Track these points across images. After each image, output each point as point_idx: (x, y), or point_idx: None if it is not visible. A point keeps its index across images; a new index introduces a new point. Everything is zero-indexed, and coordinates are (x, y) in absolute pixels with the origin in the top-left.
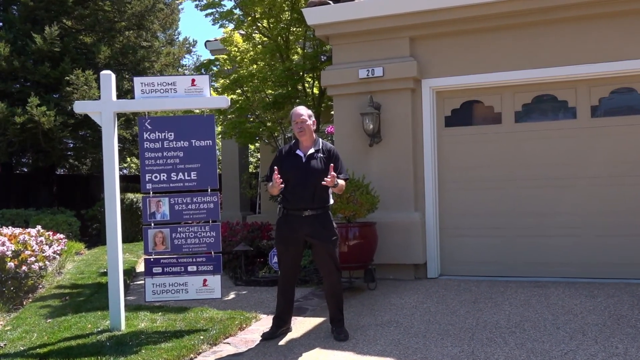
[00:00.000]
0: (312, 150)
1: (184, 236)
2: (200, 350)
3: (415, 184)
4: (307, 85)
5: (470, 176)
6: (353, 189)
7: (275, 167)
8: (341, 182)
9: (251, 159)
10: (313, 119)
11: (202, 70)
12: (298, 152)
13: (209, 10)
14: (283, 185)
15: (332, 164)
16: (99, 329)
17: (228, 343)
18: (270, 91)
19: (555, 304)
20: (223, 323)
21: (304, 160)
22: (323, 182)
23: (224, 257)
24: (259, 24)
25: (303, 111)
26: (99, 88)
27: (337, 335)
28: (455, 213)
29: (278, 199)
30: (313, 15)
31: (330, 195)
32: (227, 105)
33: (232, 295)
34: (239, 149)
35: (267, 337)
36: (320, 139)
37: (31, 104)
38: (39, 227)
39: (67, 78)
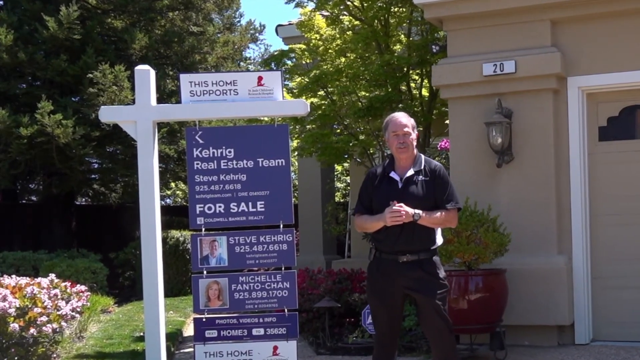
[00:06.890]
0: (410, 172)
1: (247, 288)
2: None
3: (559, 217)
4: (413, 85)
5: (634, 207)
6: (475, 225)
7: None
8: (430, 214)
9: (338, 184)
10: (417, 131)
11: (273, 64)
12: (393, 174)
13: None
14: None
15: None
16: None
17: None
18: (363, 93)
19: None
20: None
21: (400, 185)
22: (389, 216)
23: (301, 316)
24: (349, 3)
25: (405, 120)
26: (132, 89)
27: None
28: (613, 257)
29: (369, 237)
30: None
31: (438, 234)
32: (306, 112)
33: None
34: (321, 170)
35: None
36: (423, 156)
37: (42, 111)
38: (52, 275)
39: (90, 75)
